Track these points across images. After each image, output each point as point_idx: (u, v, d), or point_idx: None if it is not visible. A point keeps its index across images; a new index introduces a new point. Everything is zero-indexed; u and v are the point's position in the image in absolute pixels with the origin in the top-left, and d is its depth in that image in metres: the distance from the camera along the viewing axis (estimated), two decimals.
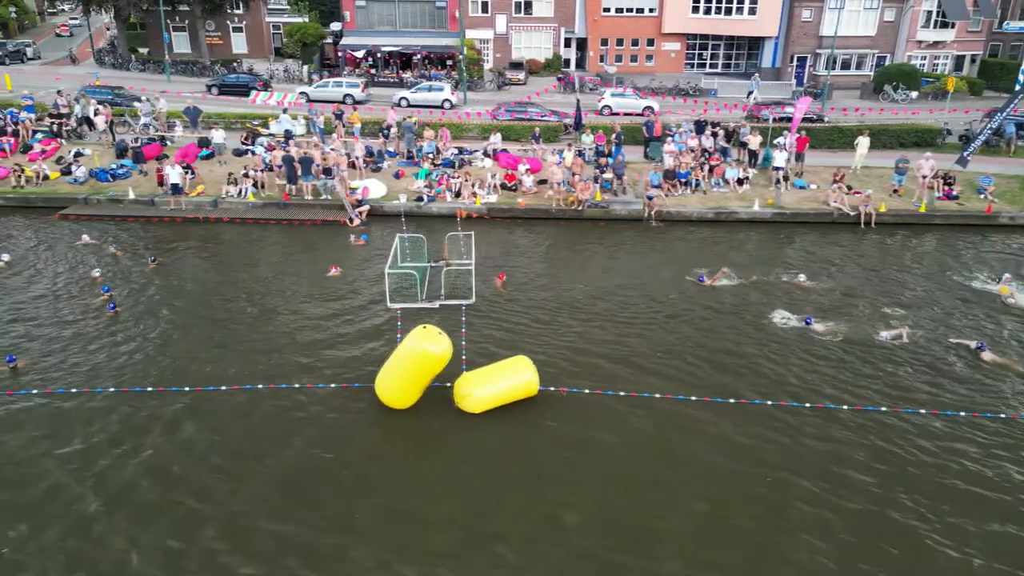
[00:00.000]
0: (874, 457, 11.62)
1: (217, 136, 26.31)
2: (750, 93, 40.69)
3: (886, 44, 49.90)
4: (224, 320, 15.97)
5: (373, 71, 48.95)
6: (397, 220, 23.07)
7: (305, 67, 48.24)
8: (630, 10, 51.41)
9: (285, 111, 28.70)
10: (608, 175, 24.25)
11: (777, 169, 24.42)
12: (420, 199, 23.89)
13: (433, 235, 20.49)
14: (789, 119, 28.33)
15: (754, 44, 53.03)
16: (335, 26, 51.23)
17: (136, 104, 30.89)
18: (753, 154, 25.90)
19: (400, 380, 12.37)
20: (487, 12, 50.93)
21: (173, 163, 23.06)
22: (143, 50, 53.77)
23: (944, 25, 48.79)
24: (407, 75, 48.11)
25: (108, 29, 76.32)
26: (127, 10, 48.21)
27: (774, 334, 15.67)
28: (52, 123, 27.14)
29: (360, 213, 22.60)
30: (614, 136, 26.43)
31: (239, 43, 56.63)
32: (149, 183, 24.38)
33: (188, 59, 49.69)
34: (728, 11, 49.75)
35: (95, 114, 27.11)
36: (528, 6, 51.08)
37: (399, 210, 23.57)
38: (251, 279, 18.28)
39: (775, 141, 26.46)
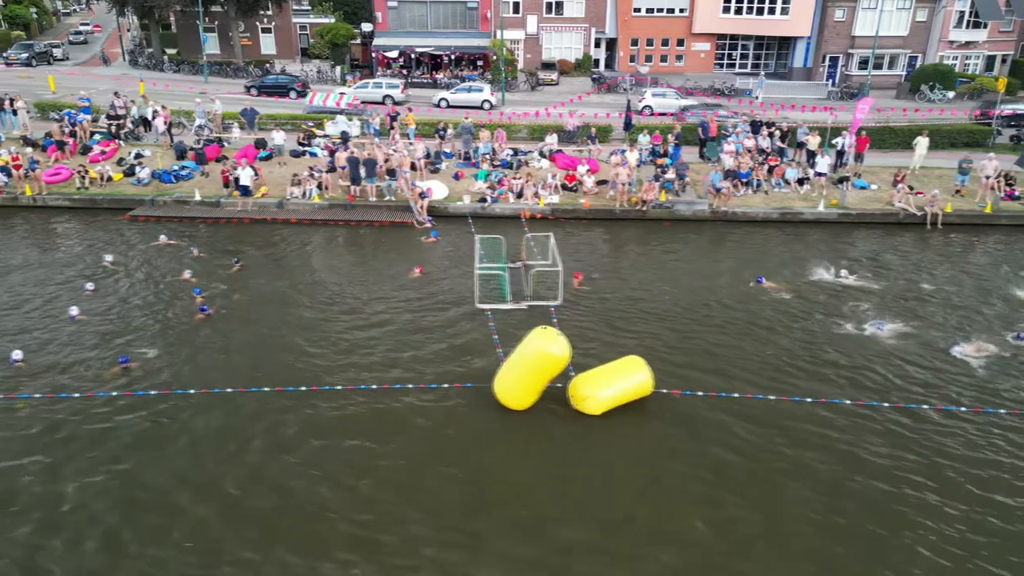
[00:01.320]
0: None
1: (277, 137, 26.41)
2: (749, 92, 40.64)
3: (918, 44, 49.90)
4: (317, 321, 16.02)
5: (403, 72, 49.07)
6: (461, 221, 23.13)
7: (337, 68, 48.32)
8: (660, 10, 51.44)
9: (342, 112, 28.75)
10: (670, 175, 24.28)
11: (820, 175, 24.42)
12: (483, 200, 23.95)
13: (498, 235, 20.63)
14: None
15: (783, 44, 53.03)
16: (366, 27, 51.28)
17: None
18: (812, 154, 25.92)
19: (520, 381, 12.44)
20: (518, 13, 50.97)
21: (244, 165, 23.12)
22: (170, 51, 53.87)
23: (976, 25, 48.80)
24: (439, 76, 48.20)
25: (128, 30, 76.58)
26: (165, 11, 48.23)
27: (853, 336, 15.69)
28: (110, 124, 27.23)
29: (421, 209, 22.66)
30: (673, 136, 26.47)
31: (267, 44, 56.66)
32: (211, 184, 24.47)
33: (221, 60, 49.74)
34: (760, 11, 49.74)
35: (153, 116, 27.20)
36: (559, 6, 51.11)
37: (464, 211, 23.64)
38: (334, 280, 18.35)
39: (833, 141, 26.49)
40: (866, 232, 22.81)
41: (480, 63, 50.09)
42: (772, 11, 49.56)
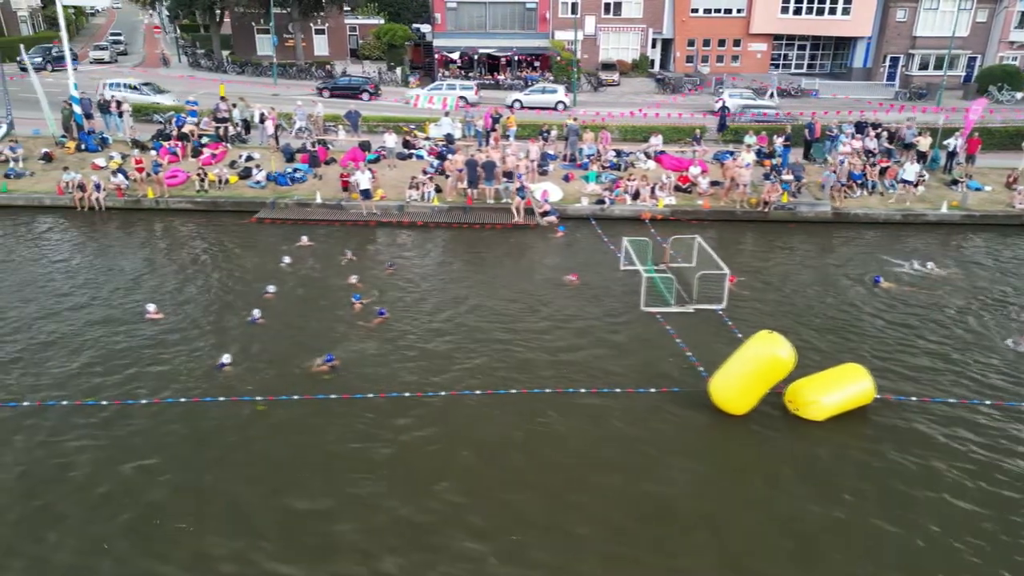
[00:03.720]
0: None
1: (389, 140, 26.45)
2: (815, 93, 40.35)
3: (978, 44, 49.72)
4: (492, 324, 16.04)
5: (460, 72, 49.16)
6: (580, 222, 23.17)
7: (398, 69, 48.41)
8: (718, 11, 51.36)
9: (447, 114, 28.80)
10: (788, 176, 24.27)
11: (905, 183, 24.39)
12: (601, 202, 23.97)
13: (617, 237, 20.76)
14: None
15: (840, 44, 52.94)
16: (425, 28, 51.37)
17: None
18: (922, 155, 25.87)
19: (744, 385, 12.46)
20: (576, 13, 50.92)
21: (364, 168, 23.19)
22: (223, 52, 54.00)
23: None
24: (501, 77, 48.24)
25: (157, 32, 76.69)
26: (238, 13, 48.38)
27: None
28: (217, 128, 27.32)
29: (542, 213, 22.72)
30: (783, 138, 26.47)
31: (320, 45, 56.84)
32: (325, 186, 24.52)
33: (283, 62, 49.81)
34: (820, 11, 49.65)
35: (261, 120, 27.28)
36: (617, 7, 51.09)
37: (583, 213, 23.68)
38: (487, 283, 18.37)
39: (944, 143, 26.45)
40: (989, 233, 22.82)
41: (537, 64, 50.14)
42: (833, 11, 49.47)
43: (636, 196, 24.21)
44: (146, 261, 19.44)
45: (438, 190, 24.29)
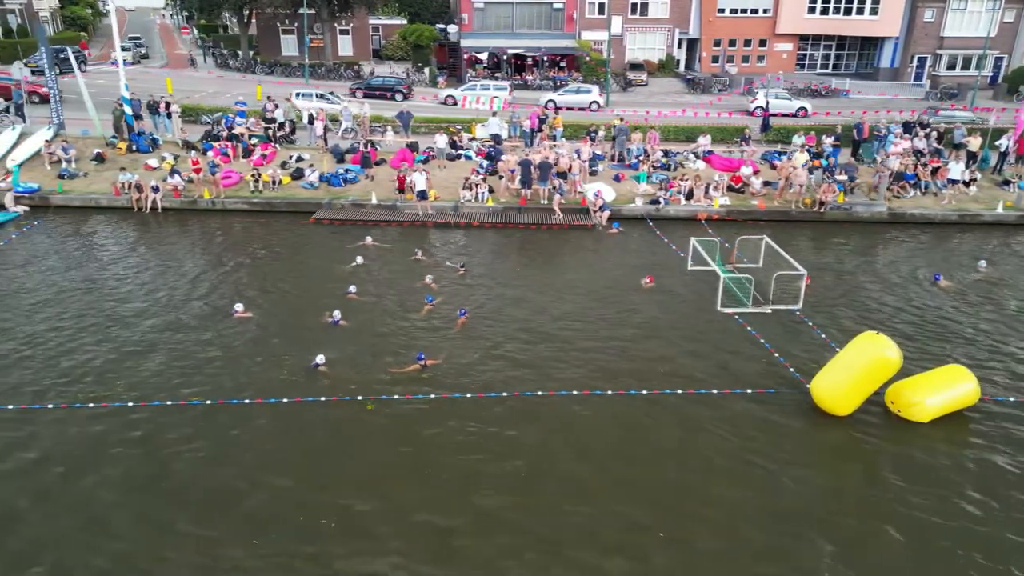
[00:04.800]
0: None
1: (440, 141, 26.48)
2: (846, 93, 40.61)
3: (1005, 45, 49.73)
4: (574, 325, 16.04)
5: (487, 73, 49.20)
6: (635, 223, 23.20)
7: (426, 70, 48.45)
8: (744, 11, 51.41)
9: (494, 114, 28.83)
10: (842, 177, 24.28)
11: (953, 182, 24.40)
12: (656, 202, 23.99)
13: (676, 237, 20.99)
14: None
15: (865, 44, 52.95)
16: (452, 28, 51.45)
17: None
18: (972, 156, 25.88)
19: (850, 386, 12.44)
20: (603, 14, 50.96)
21: (420, 170, 23.23)
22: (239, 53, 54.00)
23: None
24: (530, 77, 48.27)
25: (185, 32, 76.92)
26: (266, 15, 48.48)
27: None
28: (266, 128, 27.37)
29: (597, 215, 22.75)
30: (832, 138, 26.48)
31: (345, 46, 56.91)
32: (377, 187, 24.54)
33: (313, 62, 49.83)
34: (848, 11, 49.67)
35: (310, 120, 27.31)
36: (644, 7, 51.16)
37: (638, 213, 23.70)
38: (560, 284, 18.33)
39: (996, 143, 26.45)
40: None
41: (563, 64, 50.16)
42: (860, 11, 49.48)
43: (689, 196, 24.22)
44: (216, 262, 19.48)
45: (490, 191, 24.32)
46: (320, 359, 13.82)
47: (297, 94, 33.66)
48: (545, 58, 48.91)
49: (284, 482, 10.76)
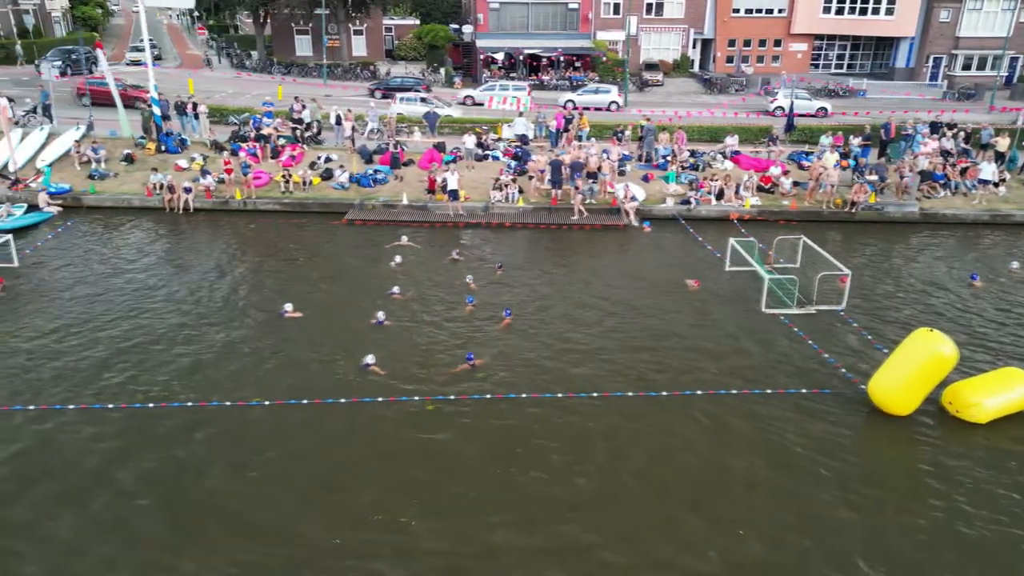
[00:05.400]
0: None
1: (469, 142, 26.50)
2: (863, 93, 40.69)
3: (1021, 45, 49.63)
4: (622, 325, 16.05)
5: (501, 73, 49.18)
6: (665, 223, 23.22)
7: (442, 70, 48.48)
8: (759, 11, 51.37)
9: (520, 115, 28.85)
10: (872, 177, 24.28)
11: (984, 182, 24.39)
12: (687, 202, 24.00)
13: (710, 237, 21.06)
14: None
15: (880, 44, 52.90)
16: (467, 29, 51.48)
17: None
18: (1001, 156, 25.87)
19: (908, 385, 12.45)
20: (618, 14, 51.00)
21: (453, 170, 23.26)
22: (253, 53, 53.98)
23: None
24: (546, 78, 48.27)
25: (201, 33, 76.93)
26: (283, 15, 48.53)
27: None
28: (294, 129, 27.39)
29: (627, 205, 22.80)
30: (860, 138, 26.48)
31: (359, 46, 56.83)
32: (407, 187, 24.55)
33: (329, 63, 49.84)
34: (863, 11, 49.63)
35: (338, 121, 27.33)
36: (659, 7, 51.15)
37: (669, 213, 23.72)
38: (601, 284, 18.33)
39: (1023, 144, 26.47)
40: None
41: (578, 64, 50.14)
42: (876, 11, 49.44)
43: (720, 196, 24.23)
44: (255, 262, 19.55)
45: (520, 191, 24.33)
46: (370, 359, 13.83)
47: (401, 98, 33.57)
48: (561, 58, 48.86)
49: (358, 482, 10.82)
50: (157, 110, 26.33)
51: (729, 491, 10.89)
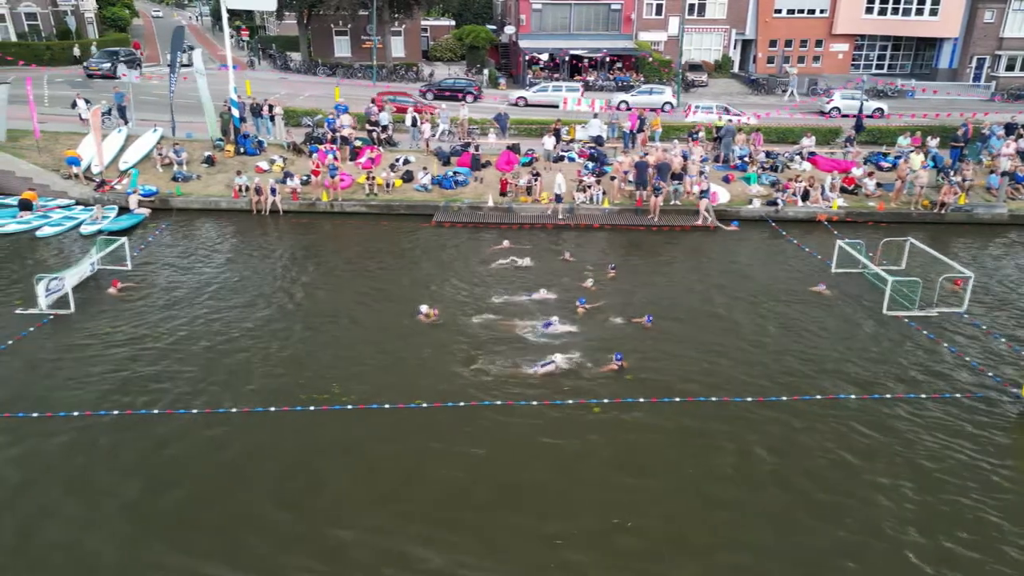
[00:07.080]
0: None
1: (548, 143, 26.47)
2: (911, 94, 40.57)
3: None
4: (743, 331, 15.95)
5: (544, 74, 49.13)
6: (752, 224, 23.19)
7: (485, 71, 48.44)
8: (801, 11, 51.28)
9: (595, 116, 28.82)
10: (957, 178, 24.20)
11: (1005, 175, 24.34)
12: (773, 203, 23.95)
13: (803, 238, 21.12)
14: None
15: (921, 45, 52.78)
16: (508, 29, 51.45)
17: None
18: None
19: None
20: (660, 15, 50.99)
21: (548, 168, 23.25)
22: (293, 53, 53.85)
23: None
24: (590, 78, 48.20)
25: (245, 34, 76.81)
26: (337, 15, 48.49)
27: None
28: (370, 131, 27.37)
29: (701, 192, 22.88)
30: (950, 139, 26.44)
31: (396, 47, 56.80)
32: (487, 188, 24.53)
33: (371, 64, 49.85)
34: (907, 11, 49.50)
35: (413, 123, 27.32)
36: (701, 8, 51.09)
37: (756, 214, 23.69)
38: (713, 287, 18.30)
39: None
40: None
41: (620, 65, 50.07)
42: (920, 12, 49.31)
43: (805, 197, 24.18)
44: (361, 263, 19.57)
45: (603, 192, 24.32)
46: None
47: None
48: (607, 59, 48.82)
49: (536, 479, 10.82)
50: (236, 112, 26.31)
51: (918, 508, 10.84)
